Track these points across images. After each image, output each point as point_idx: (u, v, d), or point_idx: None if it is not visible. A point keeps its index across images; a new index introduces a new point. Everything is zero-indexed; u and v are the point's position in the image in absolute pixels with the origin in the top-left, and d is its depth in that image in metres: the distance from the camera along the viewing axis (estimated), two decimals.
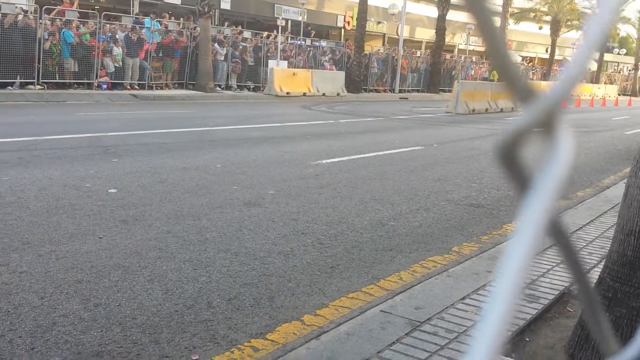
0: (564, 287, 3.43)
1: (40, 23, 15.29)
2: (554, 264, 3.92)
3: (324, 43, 26.66)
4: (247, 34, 22.90)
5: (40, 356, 2.60)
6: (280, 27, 22.51)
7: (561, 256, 0.40)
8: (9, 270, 3.52)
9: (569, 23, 43.15)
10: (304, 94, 21.39)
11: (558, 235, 0.37)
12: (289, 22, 27.16)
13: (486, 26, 0.31)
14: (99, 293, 3.28)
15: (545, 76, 41.66)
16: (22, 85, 15.19)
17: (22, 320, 2.91)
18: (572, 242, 0.39)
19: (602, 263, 2.74)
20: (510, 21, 37.78)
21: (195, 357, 2.68)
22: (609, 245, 2.67)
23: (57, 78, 15.95)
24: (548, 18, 41.91)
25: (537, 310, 3.12)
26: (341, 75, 24.12)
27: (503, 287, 0.29)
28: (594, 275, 3.52)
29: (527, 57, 47.07)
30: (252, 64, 21.57)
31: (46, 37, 15.42)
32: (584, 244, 4.12)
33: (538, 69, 43.18)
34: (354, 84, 24.70)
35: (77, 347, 2.70)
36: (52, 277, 3.46)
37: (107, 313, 3.04)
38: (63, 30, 15.87)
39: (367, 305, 3.29)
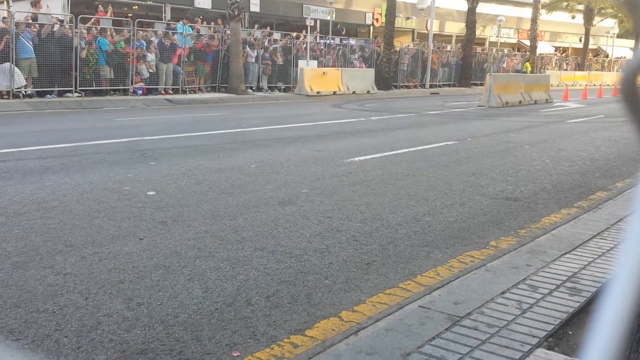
0: (606, 280, 3.35)
1: (76, 32, 15.67)
2: (596, 256, 3.84)
3: (353, 41, 26.58)
4: (276, 35, 23.03)
5: (87, 355, 2.68)
6: (309, 27, 22.56)
7: None
8: (54, 272, 3.63)
9: (602, 12, 42.06)
10: (334, 93, 21.40)
11: None
12: (318, 21, 27.20)
13: None
14: (141, 292, 3.35)
15: (579, 66, 40.72)
16: (61, 94, 15.61)
17: (68, 320, 3.00)
18: None
19: None
20: (542, 11, 37.05)
21: (236, 354, 2.72)
22: None
23: (94, 85, 16.35)
24: (581, 7, 40.96)
25: (579, 303, 3.06)
26: (371, 72, 24.03)
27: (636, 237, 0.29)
28: None
29: (560, 47, 46.07)
30: (282, 64, 21.68)
31: (82, 45, 15.79)
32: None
33: (572, 59, 42.22)
34: (384, 81, 24.57)
35: (122, 345, 2.77)
36: (96, 278, 3.55)
37: (149, 312, 3.11)
38: (98, 38, 16.24)
39: (404, 301, 3.28)
